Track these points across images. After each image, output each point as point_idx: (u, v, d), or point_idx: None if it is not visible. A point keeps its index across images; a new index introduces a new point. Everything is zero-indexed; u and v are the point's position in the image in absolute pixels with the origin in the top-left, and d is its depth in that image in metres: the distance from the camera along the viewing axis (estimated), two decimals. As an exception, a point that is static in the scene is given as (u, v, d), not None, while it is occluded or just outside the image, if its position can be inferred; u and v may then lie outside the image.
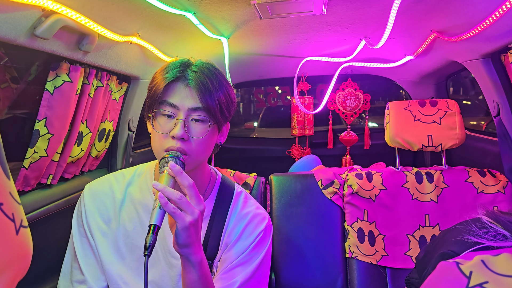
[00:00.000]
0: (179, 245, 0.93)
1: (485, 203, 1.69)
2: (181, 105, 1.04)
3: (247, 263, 1.15)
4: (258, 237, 1.18)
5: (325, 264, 1.72)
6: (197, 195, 0.95)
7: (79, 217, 1.18)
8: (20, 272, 0.41)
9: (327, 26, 1.72)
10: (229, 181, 1.30)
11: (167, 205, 0.88)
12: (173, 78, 1.05)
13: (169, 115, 1.06)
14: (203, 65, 1.09)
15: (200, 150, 1.07)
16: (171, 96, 1.05)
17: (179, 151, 1.03)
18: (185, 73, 1.06)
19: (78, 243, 1.16)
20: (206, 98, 1.04)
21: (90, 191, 1.20)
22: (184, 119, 1.04)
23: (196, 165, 1.10)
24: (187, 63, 1.09)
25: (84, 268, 1.13)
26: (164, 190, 0.90)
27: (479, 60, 1.62)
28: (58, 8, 1.03)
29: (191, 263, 0.95)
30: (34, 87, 1.46)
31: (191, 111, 1.05)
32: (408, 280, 0.99)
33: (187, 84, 1.05)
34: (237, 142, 3.29)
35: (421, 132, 1.78)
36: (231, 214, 1.21)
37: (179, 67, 1.07)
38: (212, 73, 1.08)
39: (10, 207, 0.40)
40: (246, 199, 1.27)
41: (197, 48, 1.95)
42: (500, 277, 0.50)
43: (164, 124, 1.06)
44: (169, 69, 1.07)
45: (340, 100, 2.83)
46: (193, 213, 0.91)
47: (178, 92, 1.05)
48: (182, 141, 1.04)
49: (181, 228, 0.90)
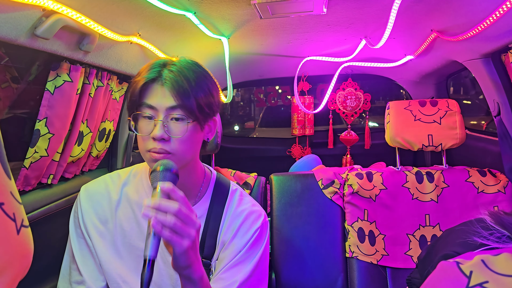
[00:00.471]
0: (179, 268, 0.90)
1: (485, 203, 1.69)
2: (158, 106, 1.03)
3: (245, 262, 1.14)
4: (254, 234, 1.17)
5: (326, 263, 1.72)
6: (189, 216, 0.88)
7: (76, 218, 1.17)
8: (21, 271, 0.42)
9: (328, 26, 1.72)
10: (224, 179, 1.30)
11: (163, 232, 0.83)
12: (149, 79, 1.04)
13: (149, 117, 1.05)
14: (180, 63, 1.07)
15: (184, 149, 1.05)
16: (149, 97, 1.04)
17: (162, 151, 1.02)
18: (162, 73, 1.04)
19: (76, 244, 1.15)
20: (182, 96, 1.02)
21: (86, 192, 1.20)
22: (163, 119, 1.03)
23: (183, 164, 1.08)
24: (164, 63, 1.07)
25: (82, 269, 1.13)
26: (155, 218, 0.84)
27: (479, 59, 1.62)
28: (59, 8, 1.03)
29: (192, 281, 0.93)
30: (35, 87, 1.46)
31: (169, 110, 1.03)
32: (409, 280, 0.99)
33: (163, 84, 1.03)
34: (237, 142, 3.29)
35: (422, 132, 1.78)
36: (227, 212, 1.21)
37: (156, 67, 1.06)
38: (189, 70, 1.06)
39: (11, 206, 0.40)
40: (241, 196, 1.27)
41: (198, 47, 1.95)
42: (500, 277, 0.50)
43: (145, 126, 1.05)
44: (146, 70, 1.06)
45: (341, 100, 2.84)
46: (190, 236, 0.86)
47: (155, 93, 1.04)
48: (163, 141, 1.03)
49: (179, 253, 0.86)
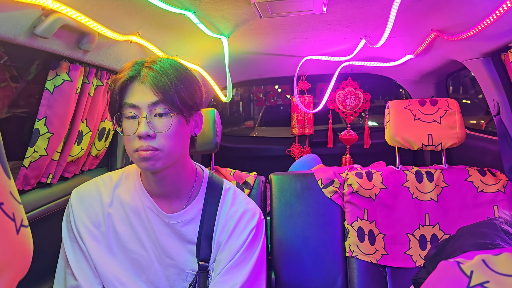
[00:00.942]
0: None
1: (485, 202, 1.69)
2: (140, 103, 1.02)
3: (244, 263, 1.13)
4: (250, 234, 1.16)
5: (325, 263, 1.72)
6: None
7: (68, 222, 1.16)
8: (20, 272, 0.41)
9: (327, 25, 1.72)
10: (217, 178, 1.28)
11: None
12: (129, 77, 1.03)
13: (132, 116, 1.04)
14: (159, 61, 1.07)
15: (170, 144, 1.04)
16: (129, 96, 1.04)
17: (149, 149, 1.01)
18: (140, 71, 1.04)
19: (69, 248, 1.14)
20: (162, 90, 1.02)
21: (78, 195, 1.18)
22: (146, 116, 1.02)
23: (172, 160, 1.07)
24: (142, 62, 1.07)
25: (77, 273, 1.12)
26: None
27: (479, 59, 1.62)
28: (58, 7, 1.03)
29: None
30: (34, 86, 1.46)
31: (152, 106, 1.02)
32: (416, 279, 0.99)
33: (142, 81, 1.03)
34: (237, 141, 3.29)
35: (421, 131, 1.78)
36: (221, 212, 1.19)
37: (133, 66, 1.05)
38: (168, 66, 1.06)
39: (10, 206, 0.40)
40: (235, 195, 1.25)
41: (197, 47, 1.95)
42: (501, 277, 0.50)
43: (129, 126, 1.04)
44: (124, 70, 1.06)
45: (340, 99, 2.84)
46: None
47: (135, 91, 1.03)
48: (149, 138, 1.02)
49: None
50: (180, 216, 1.15)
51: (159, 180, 1.13)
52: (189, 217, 1.16)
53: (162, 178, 1.12)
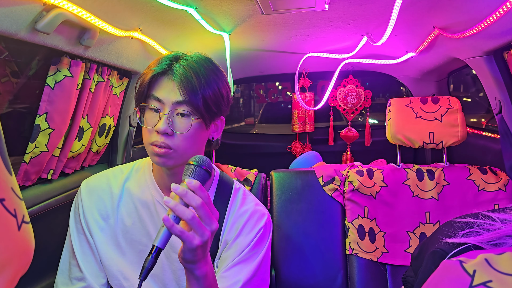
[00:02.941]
0: (184, 260, 0.90)
1: (486, 201, 1.69)
2: (165, 99, 1.03)
3: (249, 261, 1.14)
4: (258, 234, 1.17)
5: (325, 260, 1.72)
6: (208, 215, 0.88)
7: (77, 214, 1.16)
8: (21, 268, 0.41)
9: (329, 22, 1.71)
10: (228, 178, 1.29)
11: (173, 228, 0.83)
12: (159, 71, 1.04)
13: (155, 110, 1.04)
14: (193, 59, 1.07)
15: (186, 146, 1.05)
16: (157, 90, 1.04)
17: (163, 146, 1.02)
18: (172, 67, 1.04)
19: (76, 240, 1.14)
20: (189, 92, 1.02)
21: (87, 187, 1.19)
22: (168, 114, 1.02)
23: (184, 160, 1.07)
24: (176, 57, 1.07)
25: (82, 265, 1.12)
26: (175, 208, 0.84)
27: (481, 57, 1.61)
28: (59, 3, 1.03)
29: (195, 276, 0.93)
30: (35, 82, 1.45)
31: (176, 105, 1.03)
32: (404, 278, 1.00)
33: (172, 77, 1.03)
34: (237, 138, 3.29)
35: (423, 129, 1.78)
36: (230, 211, 1.20)
37: (168, 60, 1.05)
38: (201, 66, 1.05)
39: (12, 202, 0.39)
40: (244, 195, 1.26)
41: (199, 43, 1.95)
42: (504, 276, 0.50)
43: (150, 118, 1.05)
44: (158, 63, 1.06)
45: (341, 97, 2.83)
46: (203, 235, 0.86)
47: (163, 86, 1.04)
48: (166, 135, 1.02)
49: (187, 249, 0.86)
50: None
51: (171, 175, 1.13)
52: None
53: (174, 173, 1.13)
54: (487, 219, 0.72)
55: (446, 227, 0.81)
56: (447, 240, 0.73)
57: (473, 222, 0.73)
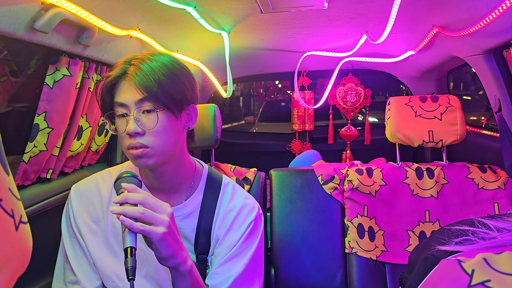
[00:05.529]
0: (163, 259, 0.91)
1: (485, 199, 1.69)
2: (128, 102, 1.03)
3: (240, 256, 1.14)
4: (248, 228, 1.17)
5: (325, 259, 1.72)
6: (157, 204, 0.92)
7: (68, 218, 1.17)
8: (19, 268, 0.41)
9: (328, 21, 1.71)
10: (216, 173, 1.29)
11: (133, 226, 0.86)
12: (114, 76, 1.04)
13: (122, 115, 1.05)
14: (145, 57, 1.07)
15: (161, 140, 1.05)
16: (118, 95, 1.05)
17: (139, 146, 1.02)
18: (126, 70, 1.04)
19: (69, 244, 1.15)
20: (146, 88, 1.02)
21: (77, 191, 1.19)
22: (134, 114, 1.03)
23: (165, 158, 1.08)
24: (129, 60, 1.07)
25: (76, 269, 1.12)
26: (124, 212, 0.88)
27: (481, 55, 1.61)
28: (58, 2, 1.02)
29: (182, 273, 0.95)
30: (34, 81, 1.45)
31: (139, 104, 1.03)
32: (401, 279, 1.00)
33: (128, 79, 1.03)
34: (237, 136, 3.29)
35: (422, 128, 1.78)
36: (220, 207, 1.20)
37: (122, 64, 1.06)
38: (153, 61, 1.05)
39: (9, 203, 0.39)
40: (234, 190, 1.26)
41: (198, 42, 1.94)
42: (503, 276, 0.49)
43: (120, 124, 1.06)
44: (113, 69, 1.06)
45: (341, 95, 2.83)
46: (163, 222, 0.89)
47: (123, 89, 1.04)
48: (138, 136, 1.03)
49: (157, 241, 0.88)
50: (179, 210, 1.16)
51: (157, 176, 1.13)
52: (188, 211, 1.17)
53: (160, 174, 1.13)
54: (483, 227, 0.71)
55: (440, 234, 0.80)
56: (440, 248, 0.73)
57: (468, 230, 0.73)
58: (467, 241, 0.70)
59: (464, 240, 0.71)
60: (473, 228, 0.72)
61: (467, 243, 0.70)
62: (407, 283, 0.80)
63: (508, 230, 0.67)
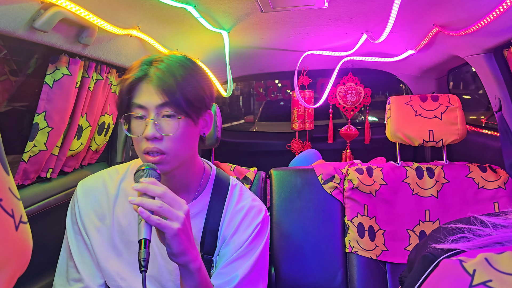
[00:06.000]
0: (174, 255, 0.91)
1: (485, 199, 1.69)
2: (147, 105, 1.01)
3: (246, 256, 1.14)
4: (255, 230, 1.17)
5: (325, 259, 1.72)
6: (176, 199, 0.92)
7: (73, 215, 1.16)
8: (20, 268, 0.41)
9: (329, 20, 1.71)
10: (224, 175, 1.29)
11: (150, 218, 0.86)
12: (136, 77, 1.02)
13: (140, 117, 1.03)
14: (168, 59, 1.05)
15: (177, 146, 1.04)
16: (138, 97, 1.03)
17: (156, 151, 1.01)
18: (148, 71, 1.03)
19: (73, 241, 1.14)
20: (168, 93, 1.01)
21: (83, 188, 1.18)
22: (154, 118, 1.01)
23: (179, 162, 1.07)
24: (150, 60, 1.06)
25: (79, 266, 1.12)
26: (142, 203, 0.87)
27: (481, 55, 1.61)
28: (57, 1, 1.02)
29: (190, 271, 0.94)
30: (33, 80, 1.45)
31: (159, 108, 1.01)
32: (401, 278, 1.00)
33: (149, 82, 1.02)
34: (237, 136, 3.29)
35: (422, 127, 1.78)
36: (227, 208, 1.20)
37: (143, 65, 1.04)
38: (176, 66, 1.04)
39: (9, 203, 0.39)
40: (241, 191, 1.26)
41: (198, 41, 1.94)
42: (504, 276, 0.49)
43: (137, 126, 1.04)
44: (134, 69, 1.04)
45: (341, 94, 2.83)
46: (178, 218, 0.89)
47: (143, 91, 1.02)
48: (156, 140, 1.01)
49: (171, 237, 0.88)
50: None
51: (168, 178, 1.13)
52: (195, 211, 1.17)
53: (171, 177, 1.12)
54: (479, 224, 0.71)
55: (436, 233, 0.80)
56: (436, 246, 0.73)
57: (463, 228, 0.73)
58: (463, 238, 0.70)
59: (459, 237, 0.71)
60: (468, 226, 0.72)
61: (462, 240, 0.70)
62: (406, 282, 0.80)
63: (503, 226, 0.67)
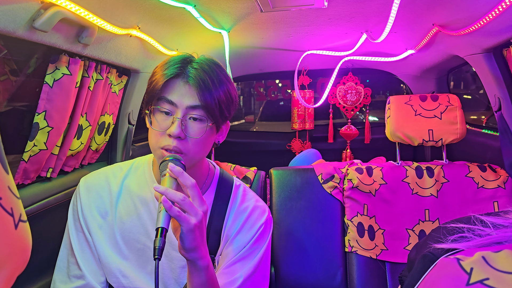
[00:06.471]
0: (185, 250, 0.91)
1: (485, 198, 1.69)
2: (179, 103, 1.02)
3: (249, 257, 1.14)
4: (259, 230, 1.17)
5: (325, 258, 1.73)
6: (200, 195, 0.93)
7: (75, 211, 1.16)
8: (19, 266, 0.41)
9: (328, 20, 1.71)
10: (228, 175, 1.29)
11: (172, 208, 0.86)
12: (173, 74, 1.02)
13: (166, 112, 1.03)
14: (204, 62, 1.06)
15: (196, 150, 1.05)
16: (170, 93, 1.03)
17: (175, 150, 1.01)
18: (185, 70, 1.03)
19: (75, 238, 1.14)
20: (206, 96, 1.01)
21: (86, 184, 1.18)
22: (181, 117, 1.01)
23: (192, 164, 1.08)
24: (188, 59, 1.06)
25: (81, 263, 1.12)
26: (166, 192, 0.88)
27: (481, 54, 1.61)
28: (57, 0, 1.02)
29: (198, 268, 0.94)
30: (34, 80, 1.45)
31: (190, 109, 1.02)
32: (400, 277, 1.00)
33: (187, 81, 1.02)
34: (237, 135, 3.29)
35: (422, 127, 1.78)
36: (231, 208, 1.21)
37: (180, 63, 1.04)
38: (213, 70, 1.05)
39: (8, 201, 0.39)
40: (245, 192, 1.26)
41: (197, 41, 1.94)
42: (501, 274, 0.50)
43: (162, 121, 1.04)
44: (169, 65, 1.04)
45: (341, 94, 2.83)
46: (197, 215, 0.89)
47: (177, 89, 1.03)
48: (178, 139, 1.02)
49: (186, 231, 0.88)
50: None
51: None
52: None
53: None
54: (479, 224, 0.71)
55: (436, 232, 0.80)
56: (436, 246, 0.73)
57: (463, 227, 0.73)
58: (463, 238, 0.70)
59: (459, 237, 0.71)
60: (468, 225, 0.72)
61: (462, 240, 0.70)
62: (406, 281, 0.80)
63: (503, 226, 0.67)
